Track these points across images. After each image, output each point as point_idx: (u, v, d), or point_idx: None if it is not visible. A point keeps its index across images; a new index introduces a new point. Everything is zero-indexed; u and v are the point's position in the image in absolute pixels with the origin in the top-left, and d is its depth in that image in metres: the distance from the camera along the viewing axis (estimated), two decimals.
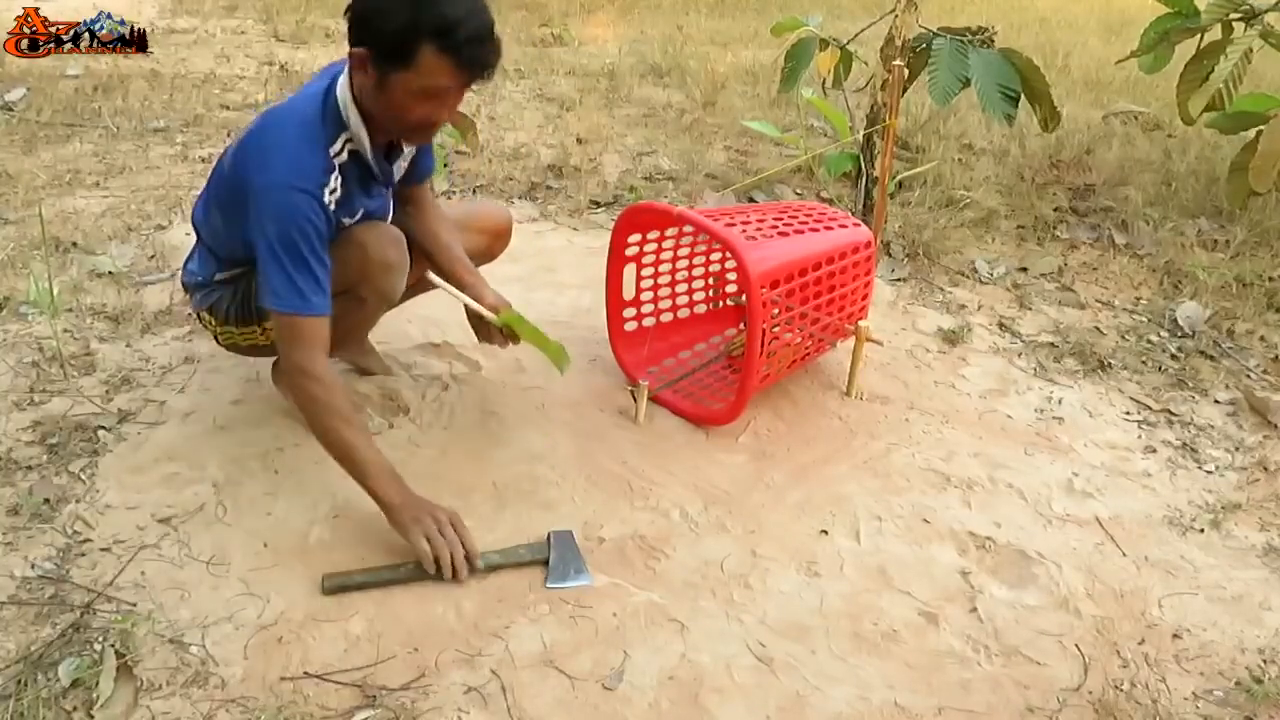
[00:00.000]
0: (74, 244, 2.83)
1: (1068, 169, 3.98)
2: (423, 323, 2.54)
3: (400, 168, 1.94)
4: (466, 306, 2.00)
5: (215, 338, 2.03)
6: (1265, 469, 2.21)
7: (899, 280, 3.05)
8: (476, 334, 2.07)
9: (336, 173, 1.71)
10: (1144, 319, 2.90)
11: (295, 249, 1.64)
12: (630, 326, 2.44)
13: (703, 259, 2.57)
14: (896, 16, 3.21)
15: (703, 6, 7.45)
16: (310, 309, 1.67)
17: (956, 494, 2.05)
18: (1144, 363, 2.65)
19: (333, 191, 1.69)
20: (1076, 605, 1.76)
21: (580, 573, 1.74)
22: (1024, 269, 3.17)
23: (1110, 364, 2.62)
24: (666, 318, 2.53)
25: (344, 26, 1.64)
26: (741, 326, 2.58)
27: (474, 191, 3.50)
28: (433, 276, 1.98)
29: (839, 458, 2.15)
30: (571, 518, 1.89)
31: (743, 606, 1.71)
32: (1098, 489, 2.10)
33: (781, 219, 2.27)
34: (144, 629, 1.55)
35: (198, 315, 2.03)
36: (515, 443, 2.11)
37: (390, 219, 1.96)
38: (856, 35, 3.59)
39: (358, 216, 1.84)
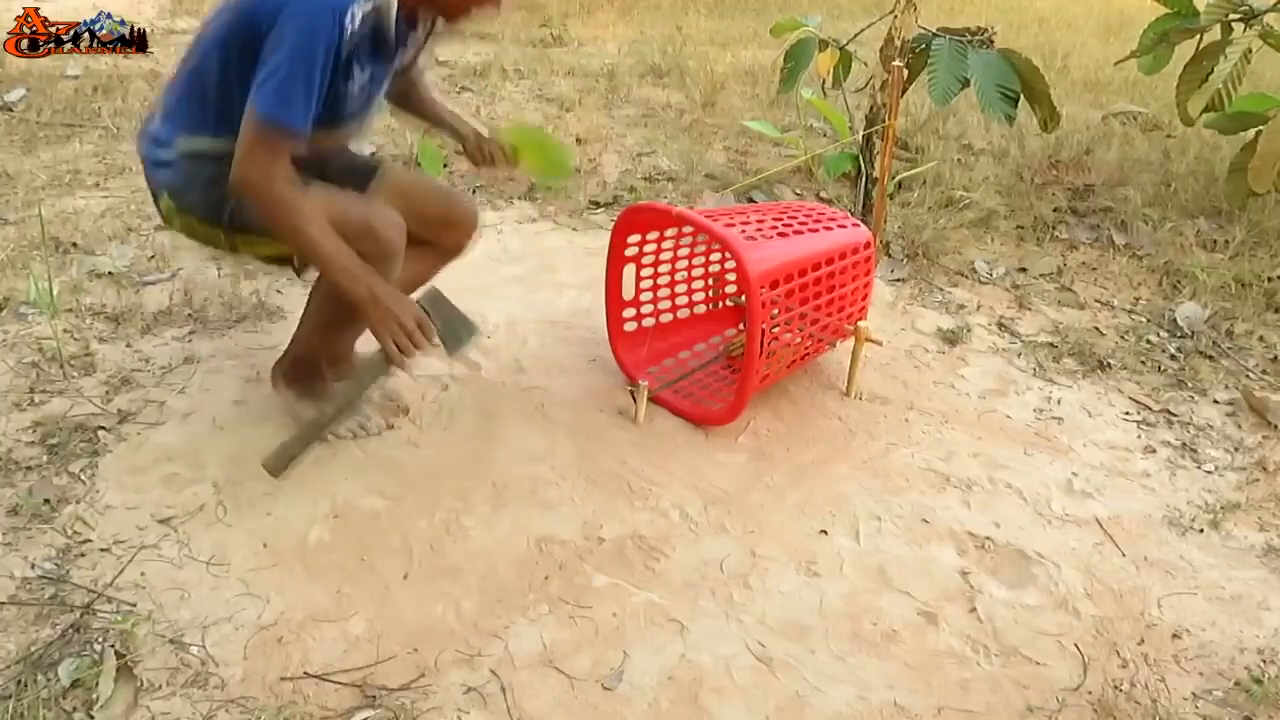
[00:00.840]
0: (74, 244, 2.83)
1: (1067, 169, 3.98)
2: None
3: (405, 55, 1.91)
4: (463, 134, 2.05)
5: (163, 216, 1.90)
6: (1264, 469, 2.21)
7: (898, 280, 3.05)
8: (475, 161, 2.10)
9: (361, 11, 1.67)
10: (1143, 319, 2.90)
11: (308, 59, 1.61)
12: (630, 327, 2.44)
13: (702, 259, 2.57)
14: (896, 17, 3.21)
15: (702, 7, 7.44)
16: (294, 122, 1.64)
17: (956, 494, 2.05)
18: (1143, 363, 2.65)
19: (352, 20, 1.66)
20: (1076, 605, 1.76)
21: (469, 332, 1.82)
22: (1023, 269, 3.17)
23: (1109, 364, 2.62)
24: (666, 318, 2.53)
25: None
26: (741, 327, 2.58)
27: (474, 191, 3.50)
28: (428, 104, 2.04)
29: (838, 458, 2.15)
30: (571, 518, 1.89)
31: (742, 606, 1.71)
32: (1097, 489, 2.11)
33: (781, 219, 2.27)
34: (144, 629, 1.55)
35: (153, 194, 1.89)
36: (515, 443, 2.11)
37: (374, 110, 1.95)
38: (856, 36, 3.59)
39: (363, 82, 1.78)
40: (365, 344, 2.25)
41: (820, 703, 1.52)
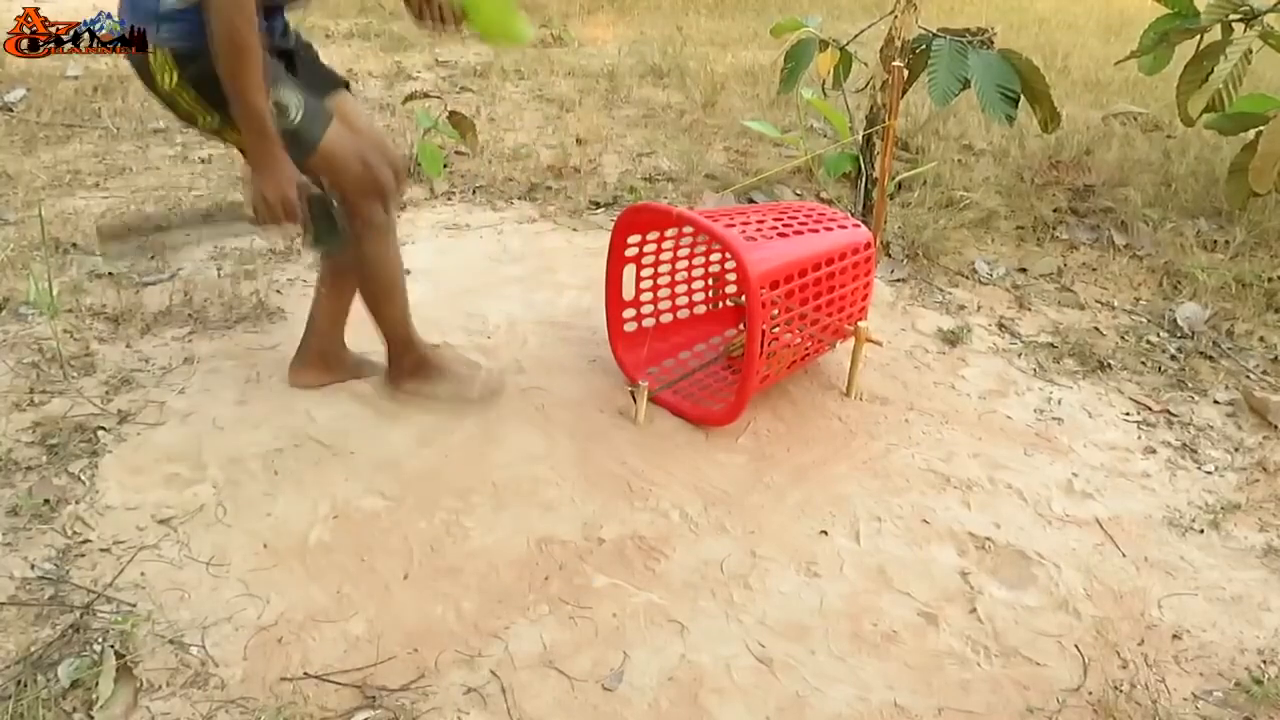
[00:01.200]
0: (74, 244, 2.83)
1: (1067, 170, 3.98)
2: (423, 324, 2.54)
3: None
4: None
5: (148, 69, 1.77)
6: (1265, 469, 2.21)
7: (898, 281, 3.05)
8: (418, 16, 1.95)
9: None
10: (1143, 319, 2.90)
11: None
12: (630, 327, 2.44)
13: (702, 259, 2.57)
14: (896, 17, 3.21)
15: (702, 7, 7.45)
16: None
17: (956, 494, 2.05)
18: (1143, 363, 2.65)
19: None
20: (1076, 606, 1.76)
21: (336, 243, 1.82)
22: (1023, 270, 3.17)
23: (1110, 364, 2.62)
24: (666, 318, 2.53)
25: (343, 27, 1.65)
26: (741, 327, 2.58)
27: (474, 192, 3.50)
28: None
29: (838, 458, 2.15)
30: (571, 518, 1.89)
31: (742, 607, 1.71)
32: (1097, 489, 2.10)
33: (781, 220, 2.27)
34: (144, 630, 1.55)
35: (147, 52, 1.75)
36: (515, 443, 2.11)
37: None
38: (856, 36, 3.59)
39: None
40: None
41: (820, 703, 1.52)
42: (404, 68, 5.06)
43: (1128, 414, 2.41)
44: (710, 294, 2.62)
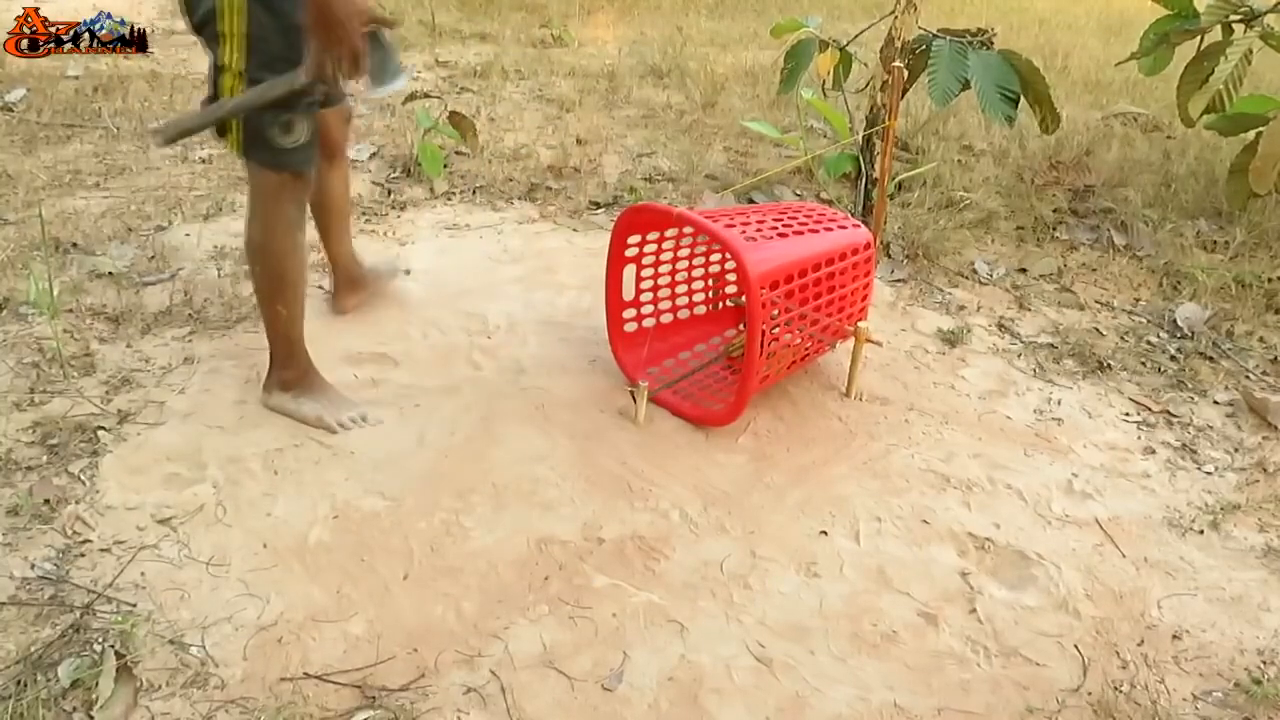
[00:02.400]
0: (74, 244, 2.83)
1: (1067, 170, 3.98)
2: (423, 324, 2.54)
3: None
4: None
5: (220, 64, 1.75)
6: (1264, 470, 2.21)
7: (898, 281, 3.05)
8: None
9: None
10: (1143, 320, 2.90)
11: None
12: (630, 327, 2.44)
13: (702, 260, 2.57)
14: (896, 18, 3.21)
15: (702, 8, 7.45)
16: None
17: (956, 495, 2.05)
18: (1143, 364, 2.65)
19: None
20: (1076, 606, 1.76)
21: (394, 74, 1.83)
22: (1023, 270, 3.17)
23: (1109, 365, 2.62)
24: (666, 318, 2.53)
25: None
26: (741, 327, 2.58)
27: (474, 192, 3.50)
28: None
29: (838, 459, 2.15)
30: (571, 518, 1.89)
31: (742, 607, 1.71)
32: (1097, 490, 2.11)
33: (781, 220, 2.27)
34: (144, 630, 1.55)
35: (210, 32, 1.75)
36: (515, 443, 2.11)
37: None
38: (856, 36, 3.59)
39: None
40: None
41: (820, 704, 1.52)
42: (404, 68, 5.06)
43: (1127, 414, 2.41)
44: (710, 294, 2.62)
